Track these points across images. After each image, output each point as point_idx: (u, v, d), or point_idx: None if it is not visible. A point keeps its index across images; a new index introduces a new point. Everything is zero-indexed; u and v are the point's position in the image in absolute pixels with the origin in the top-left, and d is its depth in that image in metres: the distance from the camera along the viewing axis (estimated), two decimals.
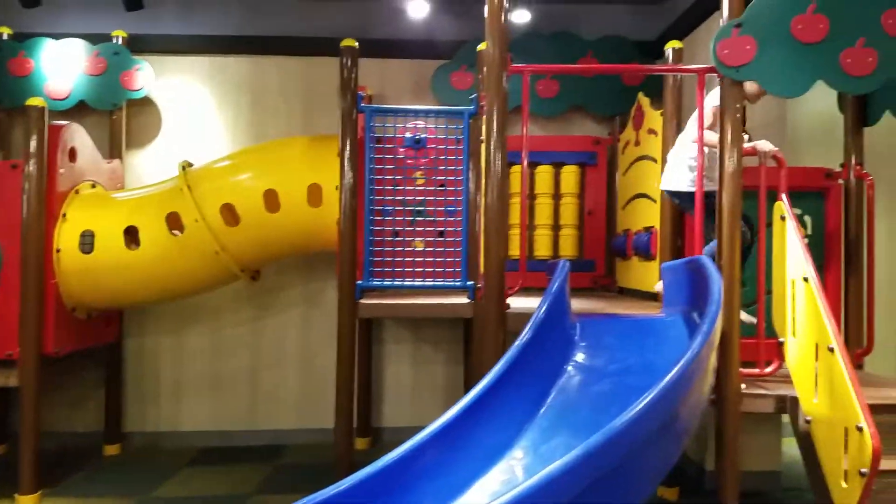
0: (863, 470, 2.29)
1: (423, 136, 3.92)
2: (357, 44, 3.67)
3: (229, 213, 3.98)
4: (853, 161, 3.55)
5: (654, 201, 3.76)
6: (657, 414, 1.84)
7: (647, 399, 1.79)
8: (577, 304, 3.22)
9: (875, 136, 3.72)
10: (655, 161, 3.75)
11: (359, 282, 3.67)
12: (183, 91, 4.86)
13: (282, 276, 4.82)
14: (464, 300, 3.72)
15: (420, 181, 3.90)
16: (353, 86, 3.69)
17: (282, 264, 4.76)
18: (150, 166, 4.81)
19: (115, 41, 4.60)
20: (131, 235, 3.98)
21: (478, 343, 3.33)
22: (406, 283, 3.80)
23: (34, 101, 3.70)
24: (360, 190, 3.70)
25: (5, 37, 4.55)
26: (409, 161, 3.92)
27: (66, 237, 3.89)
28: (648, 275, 3.83)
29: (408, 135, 3.94)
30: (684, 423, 2.10)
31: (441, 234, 3.87)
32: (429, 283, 3.79)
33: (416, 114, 3.92)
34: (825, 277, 3.56)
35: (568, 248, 4.58)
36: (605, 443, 1.67)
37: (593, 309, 3.46)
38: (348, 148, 3.66)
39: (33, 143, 3.68)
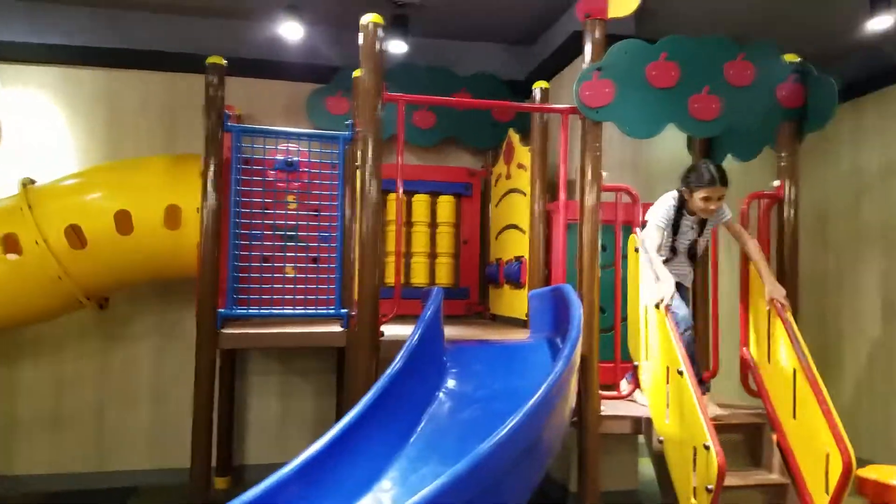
0: (709, 486, 2.45)
1: (295, 158, 3.82)
2: (225, 61, 3.52)
3: (75, 236, 3.64)
4: None
5: (524, 232, 3.89)
6: (521, 438, 1.86)
7: (511, 424, 1.81)
8: (452, 331, 3.24)
9: None
10: (525, 194, 3.89)
11: (221, 310, 3.46)
12: (28, 103, 4.41)
13: (134, 305, 4.46)
14: (337, 328, 3.62)
15: (292, 205, 3.79)
16: (220, 104, 3.52)
17: (134, 293, 4.40)
18: None
19: None
20: None
21: (350, 372, 3.25)
22: (275, 311, 3.63)
23: None
24: (224, 212, 3.52)
25: None
26: (280, 184, 3.79)
27: None
28: (518, 302, 3.93)
29: (279, 157, 3.82)
30: (547, 445, 2.14)
31: (315, 260, 3.76)
32: (300, 311, 3.65)
33: (289, 136, 3.81)
34: None
35: (444, 275, 4.62)
36: (470, 469, 1.65)
37: (466, 335, 3.49)
38: (212, 168, 3.48)
39: None
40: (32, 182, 3.78)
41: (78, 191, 3.78)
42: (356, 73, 3.75)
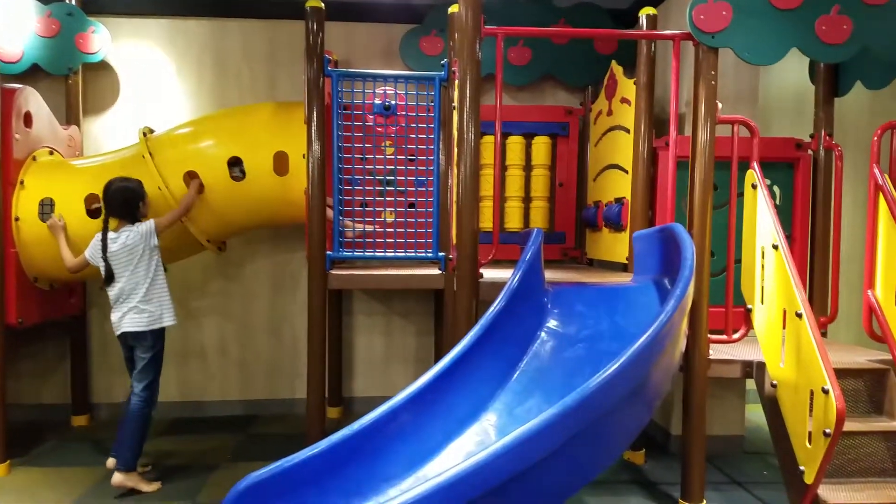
0: (827, 430, 2.34)
1: (392, 102, 3.83)
2: (323, 5, 3.54)
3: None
4: (823, 132, 3.58)
5: (626, 172, 3.74)
6: (631, 376, 1.83)
7: (622, 360, 1.78)
8: (549, 275, 3.20)
9: (845, 107, 3.75)
10: (628, 131, 3.72)
11: (329, 252, 3.59)
12: (141, 55, 4.64)
13: (247, 248, 4.71)
14: (435, 271, 3.67)
15: (389, 150, 3.81)
16: (320, 50, 3.56)
17: (248, 236, 4.64)
18: (108, 133, 4.61)
19: (68, 1, 4.36)
20: (92, 204, 3.81)
21: (450, 313, 3.30)
22: (378, 254, 3.72)
23: None
24: (328, 158, 3.60)
25: None
26: (378, 129, 3.82)
27: (24, 205, 3.71)
28: (618, 246, 3.83)
29: (377, 101, 3.83)
30: (656, 386, 2.10)
31: (411, 205, 3.80)
32: (400, 254, 3.72)
33: (386, 79, 3.81)
34: (792, 247, 3.61)
35: (538, 220, 4.56)
36: (580, 402, 1.65)
37: (565, 279, 3.44)
38: (315, 114, 3.55)
39: None
40: (151, 131, 3.99)
41: (192, 139, 3.94)
42: (452, 10, 3.67)
